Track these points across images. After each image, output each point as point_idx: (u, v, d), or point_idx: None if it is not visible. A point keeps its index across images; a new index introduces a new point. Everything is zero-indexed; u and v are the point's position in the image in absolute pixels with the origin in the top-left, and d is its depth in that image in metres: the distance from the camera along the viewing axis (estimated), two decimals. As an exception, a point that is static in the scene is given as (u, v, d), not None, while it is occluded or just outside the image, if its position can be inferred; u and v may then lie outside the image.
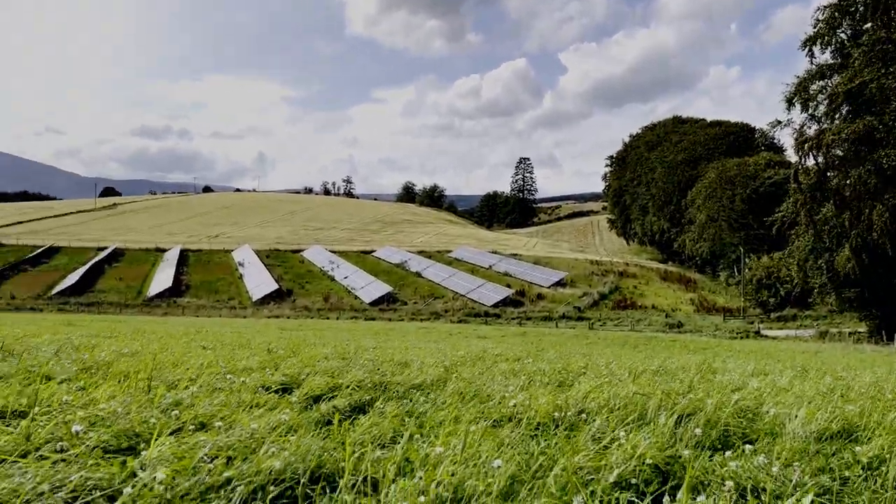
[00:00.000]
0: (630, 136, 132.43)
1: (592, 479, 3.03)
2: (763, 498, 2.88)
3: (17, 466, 2.82)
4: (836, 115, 43.69)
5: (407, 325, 45.67)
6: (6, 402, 4.13)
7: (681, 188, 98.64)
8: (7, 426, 3.54)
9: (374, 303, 68.57)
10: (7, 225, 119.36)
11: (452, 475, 2.82)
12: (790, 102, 45.20)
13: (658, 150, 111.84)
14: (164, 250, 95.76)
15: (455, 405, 4.95)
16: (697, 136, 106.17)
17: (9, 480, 2.64)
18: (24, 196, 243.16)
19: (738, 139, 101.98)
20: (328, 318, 58.32)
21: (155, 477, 2.70)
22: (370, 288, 73.10)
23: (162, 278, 76.40)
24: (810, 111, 44.72)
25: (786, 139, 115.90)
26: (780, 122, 46.47)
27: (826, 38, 43.92)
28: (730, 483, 2.86)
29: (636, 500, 2.82)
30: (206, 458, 3.06)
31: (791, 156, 66.58)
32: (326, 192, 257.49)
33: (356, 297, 71.34)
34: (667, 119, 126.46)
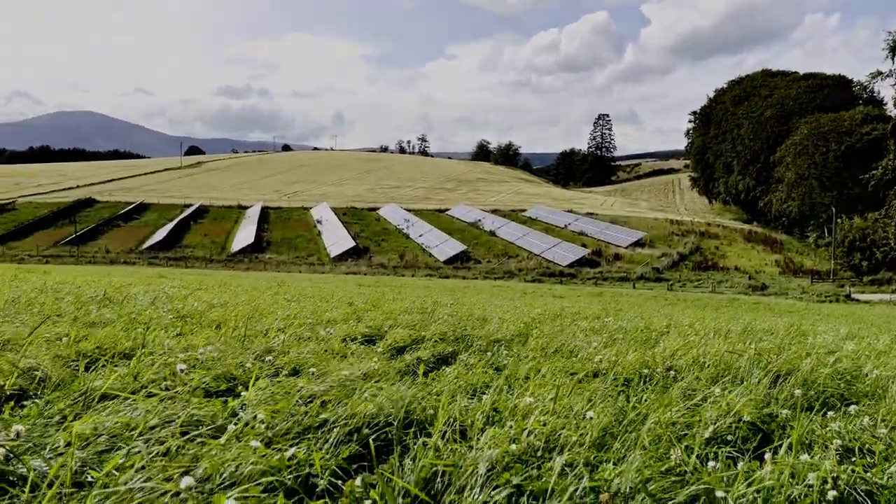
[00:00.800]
0: (715, 91, 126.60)
1: (686, 434, 2.97)
2: (870, 459, 2.76)
3: (127, 402, 2.98)
4: (946, 65, 40.61)
5: (481, 284, 45.87)
6: (113, 345, 4.37)
7: (769, 145, 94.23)
8: (115, 367, 3.75)
9: (449, 261, 68.99)
10: (101, 182, 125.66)
11: (544, 425, 2.82)
12: (893, 51, 42.22)
13: (745, 104, 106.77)
14: (245, 207, 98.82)
15: (538, 359, 4.95)
16: (789, 90, 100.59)
17: (121, 415, 2.79)
18: (115, 154, 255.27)
19: (834, 93, 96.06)
20: (403, 276, 59.15)
21: (256, 416, 2.82)
22: (444, 246, 73.54)
23: (244, 235, 79.02)
24: (916, 60, 41.73)
25: (886, 91, 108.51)
26: (880, 73, 43.67)
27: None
28: (837, 442, 2.76)
29: (736, 454, 2.76)
30: (301, 401, 3.16)
31: (892, 110, 62.38)
32: (402, 151, 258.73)
33: (431, 256, 71.96)
34: (755, 72, 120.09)
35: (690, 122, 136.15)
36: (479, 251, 73.78)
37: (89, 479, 2.23)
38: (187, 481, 2.08)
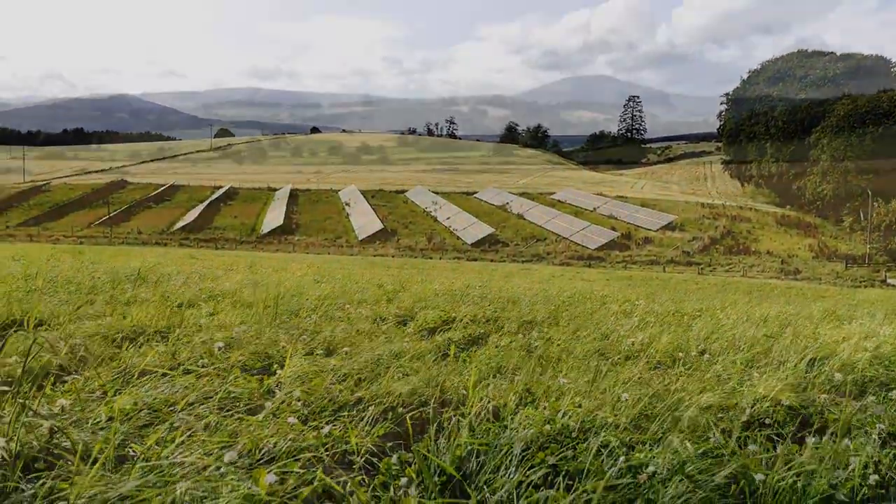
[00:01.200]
0: (749, 72, 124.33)
1: (722, 417, 2.95)
2: (913, 446, 2.71)
3: (165, 379, 3.03)
4: None
5: (509, 267, 45.72)
6: (150, 323, 4.44)
7: (804, 127, 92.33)
8: (152, 344, 3.81)
9: (476, 244, 68.90)
10: (133, 164, 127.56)
11: (578, 406, 2.81)
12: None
13: (780, 86, 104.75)
14: (274, 189, 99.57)
15: (569, 341, 4.93)
16: (825, 71, 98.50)
17: (160, 391, 2.84)
18: (147, 137, 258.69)
19: (872, 73, 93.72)
20: (431, 259, 59.19)
21: (292, 393, 2.85)
22: (472, 229, 73.43)
23: (273, 216, 79.67)
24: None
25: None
26: (922, 53, 42.25)
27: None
28: (880, 426, 2.71)
29: (775, 438, 2.72)
30: (335, 379, 3.18)
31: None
32: (430, 134, 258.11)
33: (458, 238, 71.92)
34: (791, 53, 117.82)
35: (723, 103, 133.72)
36: (507, 234, 73.56)
37: (131, 452, 2.28)
38: (231, 456, 2.12)
